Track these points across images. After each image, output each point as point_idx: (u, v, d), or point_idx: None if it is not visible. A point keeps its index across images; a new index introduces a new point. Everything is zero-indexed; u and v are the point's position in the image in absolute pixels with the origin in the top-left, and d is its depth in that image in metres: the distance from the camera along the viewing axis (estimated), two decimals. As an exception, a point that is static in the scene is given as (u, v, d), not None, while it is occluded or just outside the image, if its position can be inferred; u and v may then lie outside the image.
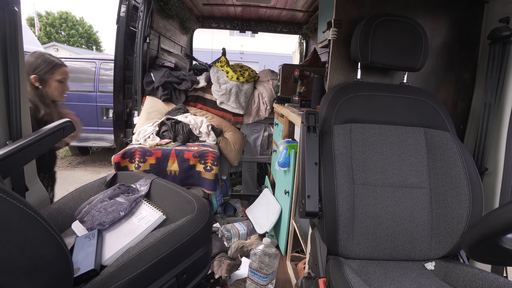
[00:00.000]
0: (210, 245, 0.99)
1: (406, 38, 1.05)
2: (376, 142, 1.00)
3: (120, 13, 2.00)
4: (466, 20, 1.22)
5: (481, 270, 0.84)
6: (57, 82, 1.42)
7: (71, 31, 18.38)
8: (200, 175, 1.92)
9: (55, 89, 1.43)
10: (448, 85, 1.28)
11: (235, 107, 2.42)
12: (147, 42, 2.28)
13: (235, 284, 1.51)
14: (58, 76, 1.42)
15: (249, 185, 2.65)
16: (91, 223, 0.93)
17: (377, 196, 0.96)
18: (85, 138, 4.10)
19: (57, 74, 1.42)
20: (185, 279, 0.88)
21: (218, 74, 2.48)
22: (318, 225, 1.00)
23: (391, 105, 1.04)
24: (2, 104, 1.07)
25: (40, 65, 1.39)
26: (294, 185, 1.59)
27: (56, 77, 1.41)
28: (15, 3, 1.04)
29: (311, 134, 0.98)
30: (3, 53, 1.04)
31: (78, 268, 0.78)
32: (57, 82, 1.42)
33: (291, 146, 1.65)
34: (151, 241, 0.83)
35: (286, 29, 3.58)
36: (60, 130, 1.11)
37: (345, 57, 1.19)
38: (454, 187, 0.95)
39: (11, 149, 0.93)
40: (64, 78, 1.45)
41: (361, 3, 1.17)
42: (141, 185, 1.10)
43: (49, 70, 1.40)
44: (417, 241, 0.96)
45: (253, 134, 2.58)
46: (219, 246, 1.70)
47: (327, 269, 0.88)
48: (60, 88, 1.45)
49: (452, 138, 1.00)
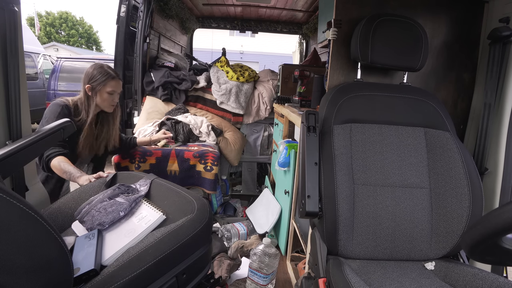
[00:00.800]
0: (210, 245, 0.99)
1: (406, 38, 1.05)
2: (376, 142, 1.00)
3: (120, 13, 2.00)
4: (466, 20, 1.22)
5: (481, 270, 0.84)
6: (107, 93, 1.48)
7: (71, 31, 18.39)
8: (200, 175, 1.92)
9: (104, 100, 1.49)
10: (448, 85, 1.28)
11: (235, 107, 2.42)
12: (147, 42, 2.28)
13: (235, 284, 1.51)
14: (109, 88, 1.48)
15: (249, 185, 2.65)
16: (91, 223, 0.93)
17: (377, 196, 0.96)
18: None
19: (108, 86, 1.48)
20: (185, 279, 0.88)
21: (218, 74, 2.48)
22: (318, 225, 1.00)
23: (391, 105, 1.04)
24: (2, 104, 1.07)
25: (96, 76, 1.46)
26: (294, 185, 1.59)
27: (106, 89, 1.48)
28: (15, 3, 1.04)
29: (311, 134, 0.98)
30: (3, 53, 1.04)
31: (78, 268, 0.77)
32: (107, 93, 1.49)
33: (291, 146, 1.65)
34: (151, 241, 0.83)
35: (286, 29, 3.58)
36: (60, 130, 1.11)
37: (345, 57, 1.19)
38: (454, 187, 0.95)
39: (11, 149, 0.93)
40: (113, 91, 1.50)
41: (361, 3, 1.17)
42: (141, 185, 1.10)
43: (102, 81, 1.46)
44: (417, 241, 0.96)
45: (253, 134, 2.58)
46: (219, 246, 1.70)
47: (327, 269, 0.88)
48: (110, 99, 1.51)
49: (452, 138, 1.00)
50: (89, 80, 1.46)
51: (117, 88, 1.52)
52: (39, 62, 5.61)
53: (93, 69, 1.48)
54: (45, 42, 15.42)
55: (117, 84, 1.51)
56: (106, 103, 1.51)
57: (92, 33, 19.96)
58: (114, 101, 1.53)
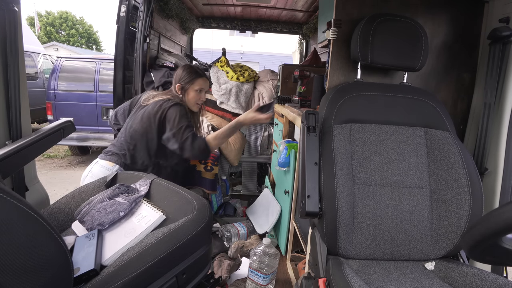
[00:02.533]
0: (210, 245, 0.99)
1: (406, 38, 1.05)
2: (376, 142, 1.00)
3: (120, 13, 2.00)
4: (466, 20, 1.22)
5: (481, 270, 0.84)
6: (194, 91, 1.56)
7: (71, 30, 18.39)
8: (200, 175, 1.92)
9: (192, 98, 1.57)
10: (448, 85, 1.28)
11: (235, 107, 2.42)
12: (147, 42, 2.27)
13: (235, 284, 1.51)
14: (196, 86, 1.55)
15: (249, 185, 2.65)
16: (91, 223, 0.93)
17: (377, 196, 0.96)
18: (85, 138, 4.10)
19: (196, 84, 1.55)
20: (185, 279, 0.88)
21: (218, 74, 2.48)
22: (318, 225, 1.00)
23: (391, 105, 1.04)
24: (2, 104, 1.07)
25: (184, 75, 1.55)
26: (294, 185, 1.59)
27: (194, 87, 1.55)
28: (15, 3, 1.04)
29: (311, 134, 0.98)
30: (3, 53, 1.04)
31: (78, 268, 0.77)
32: (195, 91, 1.56)
33: (291, 146, 1.65)
34: (151, 241, 0.83)
35: (286, 29, 3.58)
36: (60, 130, 1.11)
37: (345, 57, 1.19)
38: (454, 187, 0.95)
39: (11, 149, 0.94)
40: (201, 89, 1.57)
41: (361, 3, 1.17)
42: (141, 185, 1.10)
43: (190, 80, 1.54)
44: (417, 241, 0.96)
45: (253, 134, 2.58)
46: (219, 246, 1.70)
47: (327, 269, 0.88)
48: (196, 97, 1.58)
49: (452, 138, 1.00)
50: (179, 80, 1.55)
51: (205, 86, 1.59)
52: (39, 62, 5.62)
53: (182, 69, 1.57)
54: (45, 41, 15.41)
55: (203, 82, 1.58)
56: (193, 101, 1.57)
57: (92, 33, 19.95)
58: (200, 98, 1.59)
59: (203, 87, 1.58)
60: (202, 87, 1.58)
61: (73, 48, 15.38)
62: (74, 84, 4.17)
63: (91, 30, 19.92)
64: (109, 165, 1.47)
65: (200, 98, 1.59)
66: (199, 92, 1.58)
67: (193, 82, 1.54)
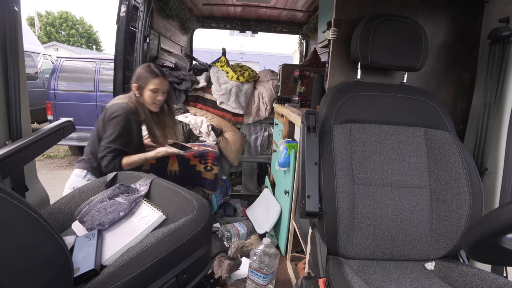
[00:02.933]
0: (210, 245, 0.99)
1: (406, 38, 1.05)
2: (376, 142, 1.00)
3: (120, 13, 2.00)
4: (466, 20, 1.22)
5: (481, 270, 0.84)
6: (150, 91, 1.54)
7: (71, 30, 18.38)
8: (200, 175, 1.92)
9: (148, 97, 1.55)
10: (448, 85, 1.28)
11: (235, 107, 2.42)
12: (147, 42, 2.27)
13: (235, 284, 1.51)
14: (151, 86, 1.53)
15: (249, 185, 2.65)
16: (91, 223, 0.93)
17: (377, 196, 0.96)
18: (85, 138, 4.10)
19: (151, 84, 1.53)
20: (185, 279, 0.88)
21: (218, 74, 2.48)
22: (318, 225, 1.00)
23: (391, 105, 1.04)
24: (2, 104, 1.07)
25: (140, 75, 1.54)
26: (294, 185, 1.59)
27: (149, 86, 1.53)
28: (15, 3, 1.04)
29: (311, 134, 0.98)
30: (3, 53, 1.04)
31: (78, 268, 0.77)
32: (150, 91, 1.54)
33: (291, 146, 1.65)
34: (151, 241, 0.83)
35: (286, 29, 3.58)
36: (60, 130, 1.11)
37: (345, 57, 1.19)
38: (454, 187, 0.95)
39: (11, 149, 0.94)
40: (157, 89, 1.55)
41: (361, 3, 1.17)
42: (141, 185, 1.10)
43: (145, 80, 1.53)
44: (417, 241, 0.96)
45: (253, 134, 2.58)
46: (219, 246, 1.70)
47: (327, 269, 0.88)
48: (153, 97, 1.55)
49: (452, 138, 1.00)
50: (136, 80, 1.54)
51: (160, 86, 1.56)
52: (39, 62, 5.61)
53: (141, 68, 1.56)
54: (45, 41, 15.40)
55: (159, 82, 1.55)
56: (150, 100, 1.55)
57: (92, 33, 19.94)
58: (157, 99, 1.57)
59: (159, 88, 1.55)
60: (157, 87, 1.54)
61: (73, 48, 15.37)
62: (74, 84, 4.17)
63: (91, 30, 19.91)
64: (79, 172, 1.51)
65: (156, 97, 1.56)
66: (155, 92, 1.55)
67: (148, 82, 1.52)
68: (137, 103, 1.54)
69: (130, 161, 1.49)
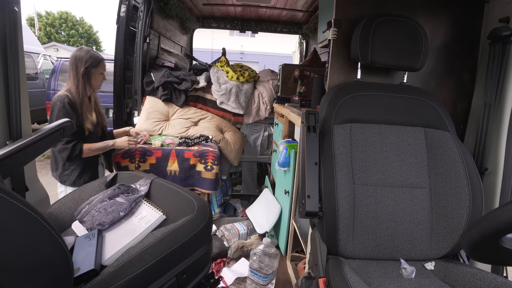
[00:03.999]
0: (210, 245, 0.99)
1: (406, 38, 1.05)
2: (376, 142, 1.00)
3: (120, 13, 2.00)
4: (466, 20, 1.22)
5: (480, 270, 0.84)
6: (100, 74, 1.65)
7: (71, 31, 18.37)
8: (200, 175, 1.92)
9: (97, 80, 1.65)
10: (448, 85, 1.28)
11: (235, 107, 2.42)
12: (147, 42, 2.28)
13: (235, 284, 1.51)
14: (102, 69, 1.65)
15: (249, 185, 2.65)
16: (91, 223, 0.93)
17: (377, 196, 0.96)
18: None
19: (101, 68, 1.64)
20: (185, 279, 0.88)
21: (218, 74, 2.48)
22: (318, 225, 1.00)
23: (391, 105, 1.04)
24: (2, 104, 1.07)
25: (88, 59, 1.60)
26: (294, 185, 1.59)
27: (100, 70, 1.64)
28: (15, 3, 1.04)
29: (311, 134, 0.98)
30: (3, 53, 1.04)
31: (78, 268, 0.77)
32: (100, 74, 1.65)
33: (291, 146, 1.65)
34: (151, 241, 0.83)
35: (286, 29, 3.58)
36: (60, 130, 1.11)
37: (345, 57, 1.19)
38: (454, 187, 0.95)
39: (11, 149, 0.93)
40: (104, 71, 1.69)
41: (361, 3, 1.17)
42: (141, 185, 1.10)
43: (95, 64, 1.61)
44: (417, 241, 0.96)
45: (253, 134, 2.58)
46: (219, 246, 1.70)
47: (327, 269, 0.88)
48: (101, 79, 1.68)
49: (452, 138, 1.00)
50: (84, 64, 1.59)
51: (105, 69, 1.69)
52: (39, 62, 5.61)
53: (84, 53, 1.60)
54: (45, 42, 15.39)
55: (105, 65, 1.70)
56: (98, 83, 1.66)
57: (92, 33, 19.93)
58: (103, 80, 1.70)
59: (104, 70, 1.68)
60: (105, 70, 1.68)
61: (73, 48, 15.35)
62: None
63: (91, 31, 19.90)
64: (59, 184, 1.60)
65: (103, 79, 1.69)
66: (102, 74, 1.66)
67: (97, 66, 1.61)
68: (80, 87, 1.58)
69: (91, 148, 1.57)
